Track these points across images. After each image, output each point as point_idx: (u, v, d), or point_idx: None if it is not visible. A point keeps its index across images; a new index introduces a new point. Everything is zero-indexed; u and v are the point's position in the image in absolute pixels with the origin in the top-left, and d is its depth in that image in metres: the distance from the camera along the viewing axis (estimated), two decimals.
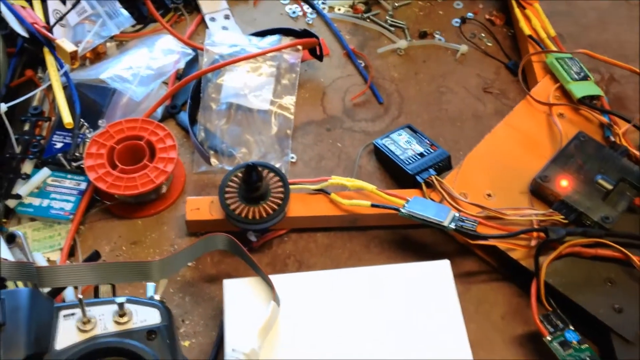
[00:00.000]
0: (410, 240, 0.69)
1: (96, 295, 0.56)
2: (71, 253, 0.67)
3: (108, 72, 0.76)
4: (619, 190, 0.66)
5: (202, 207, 0.68)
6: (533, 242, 0.64)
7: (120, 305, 0.51)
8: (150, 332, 0.51)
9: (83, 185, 0.70)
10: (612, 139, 0.72)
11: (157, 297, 0.55)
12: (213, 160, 0.73)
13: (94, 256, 0.64)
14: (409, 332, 0.57)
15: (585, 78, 0.77)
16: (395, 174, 0.73)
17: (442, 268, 0.61)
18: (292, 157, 0.75)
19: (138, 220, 0.71)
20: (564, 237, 0.62)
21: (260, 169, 0.66)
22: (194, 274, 0.67)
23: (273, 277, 0.59)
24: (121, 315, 0.52)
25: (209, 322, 0.64)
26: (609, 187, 0.66)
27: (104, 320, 0.51)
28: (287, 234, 0.69)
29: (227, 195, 0.66)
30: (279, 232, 0.69)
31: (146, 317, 0.52)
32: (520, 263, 0.63)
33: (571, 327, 0.59)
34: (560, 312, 0.60)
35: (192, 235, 0.70)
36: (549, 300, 0.61)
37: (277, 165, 0.74)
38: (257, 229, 0.65)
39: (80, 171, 0.71)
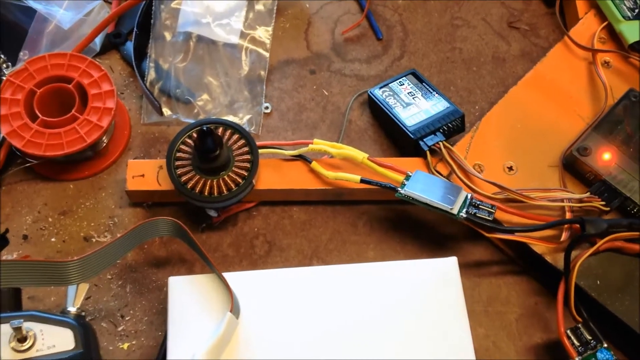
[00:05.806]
0: (407, 218, 0.57)
1: None
2: None
3: None
4: None
5: (147, 173, 0.54)
6: (564, 235, 0.51)
7: (17, 327, 0.38)
8: None
9: None
10: None
11: (72, 310, 0.42)
12: (165, 110, 0.58)
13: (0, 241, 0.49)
14: (405, 340, 0.46)
15: None
16: (393, 134, 0.59)
17: (447, 266, 0.49)
18: (266, 107, 0.60)
19: (69, 183, 0.57)
20: (605, 231, 0.50)
21: (219, 130, 0.51)
22: (137, 256, 0.54)
23: (237, 275, 0.48)
24: (20, 340, 0.39)
25: (154, 318, 0.52)
26: None
27: None
28: (256, 207, 0.56)
29: (177, 164, 0.52)
30: (246, 205, 0.56)
31: (55, 340, 0.40)
32: (545, 259, 0.52)
33: (605, 345, 0.48)
34: (592, 325, 0.49)
35: (137, 205, 0.56)
36: (579, 309, 0.49)
37: (247, 117, 0.59)
38: (217, 207, 0.52)
39: None
